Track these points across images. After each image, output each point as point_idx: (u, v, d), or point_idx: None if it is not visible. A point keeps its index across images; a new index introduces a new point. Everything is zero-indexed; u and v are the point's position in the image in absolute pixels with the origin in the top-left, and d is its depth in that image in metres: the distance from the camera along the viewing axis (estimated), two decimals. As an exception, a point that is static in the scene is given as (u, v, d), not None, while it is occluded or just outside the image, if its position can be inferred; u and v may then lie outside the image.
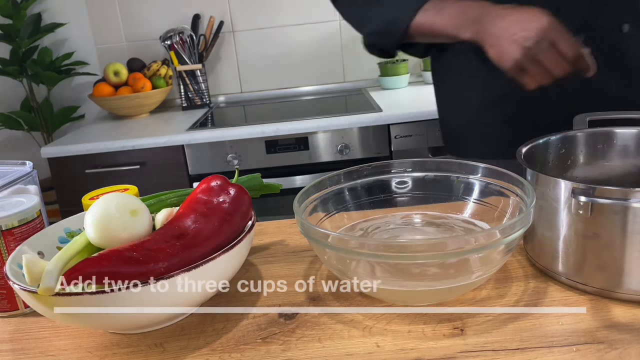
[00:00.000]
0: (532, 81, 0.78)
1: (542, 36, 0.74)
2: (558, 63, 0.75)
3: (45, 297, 0.47)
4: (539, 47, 0.74)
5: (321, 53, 2.28)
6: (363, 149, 1.82)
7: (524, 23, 0.76)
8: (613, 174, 0.66)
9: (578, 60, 0.75)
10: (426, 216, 0.68)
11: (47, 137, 2.26)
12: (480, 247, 0.50)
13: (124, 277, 0.48)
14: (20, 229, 0.59)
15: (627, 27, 0.86)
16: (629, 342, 0.47)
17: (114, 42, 2.30)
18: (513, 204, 0.60)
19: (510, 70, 0.79)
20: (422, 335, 0.50)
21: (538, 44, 0.74)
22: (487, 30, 0.80)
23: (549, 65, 0.75)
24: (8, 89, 2.25)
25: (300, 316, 0.55)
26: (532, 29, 0.75)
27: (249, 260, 0.69)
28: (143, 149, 1.81)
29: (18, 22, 2.12)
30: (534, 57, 0.75)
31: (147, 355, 0.51)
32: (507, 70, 0.79)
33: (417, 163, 0.69)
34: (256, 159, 1.83)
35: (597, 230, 0.52)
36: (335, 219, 0.66)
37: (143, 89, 2.12)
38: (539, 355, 0.46)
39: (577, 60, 0.75)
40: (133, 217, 0.54)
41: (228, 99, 2.35)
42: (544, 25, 0.74)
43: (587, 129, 0.67)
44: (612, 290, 0.53)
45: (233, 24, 2.28)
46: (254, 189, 0.67)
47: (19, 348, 0.55)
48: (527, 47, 0.75)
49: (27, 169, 0.67)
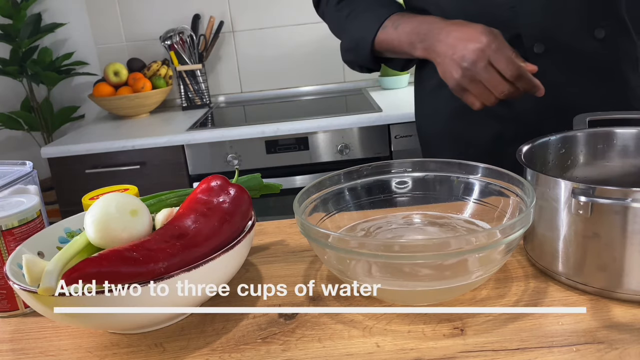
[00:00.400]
0: (475, 101, 0.77)
1: (480, 56, 0.73)
2: (497, 83, 0.73)
3: (45, 297, 0.47)
4: (477, 67, 0.73)
5: (321, 53, 2.28)
6: (363, 149, 1.82)
7: (464, 42, 0.75)
8: (613, 174, 0.66)
9: (519, 80, 0.73)
10: (426, 216, 0.68)
11: (47, 137, 2.26)
12: (480, 247, 0.50)
13: (124, 277, 0.48)
14: (20, 229, 0.59)
15: (602, 32, 0.83)
16: (629, 342, 0.47)
17: (114, 42, 2.30)
18: (513, 204, 0.60)
19: (452, 89, 0.78)
20: (422, 335, 0.50)
21: (475, 64, 0.73)
22: (433, 48, 0.79)
23: (488, 85, 0.74)
24: (8, 89, 2.25)
25: (300, 316, 0.55)
26: (470, 49, 0.74)
27: (249, 260, 0.69)
28: (143, 149, 1.81)
29: (18, 22, 2.12)
30: (473, 77, 0.74)
31: (147, 355, 0.51)
32: (450, 89, 0.78)
33: (417, 163, 0.69)
34: (256, 159, 1.83)
35: (597, 230, 0.52)
36: (335, 219, 0.66)
37: (143, 89, 2.12)
38: (539, 355, 0.46)
39: (518, 79, 0.73)
40: (133, 217, 0.54)
41: (228, 99, 2.35)
42: (482, 45, 0.73)
43: (587, 129, 0.67)
44: (612, 290, 0.53)
45: (233, 24, 2.28)
46: (254, 189, 0.67)
47: (19, 348, 0.55)
48: (465, 68, 0.74)
49: (27, 169, 0.67)
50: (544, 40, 0.83)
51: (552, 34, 0.83)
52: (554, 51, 0.83)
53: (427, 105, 1.02)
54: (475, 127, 0.92)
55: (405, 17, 0.86)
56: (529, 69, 0.73)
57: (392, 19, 0.87)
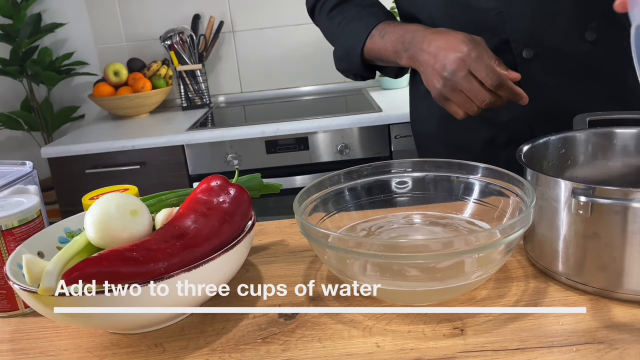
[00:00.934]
0: (457, 110, 0.76)
1: (460, 65, 0.72)
2: (477, 92, 0.72)
3: (45, 297, 0.47)
4: (457, 77, 0.73)
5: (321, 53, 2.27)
6: (363, 149, 1.82)
7: (445, 51, 0.74)
8: (613, 174, 0.66)
9: (500, 89, 0.72)
10: (426, 216, 0.68)
11: (47, 137, 2.26)
12: (480, 247, 0.50)
13: (124, 277, 0.48)
14: (20, 229, 0.59)
15: (592, 34, 0.82)
16: (629, 342, 0.47)
17: (114, 42, 2.30)
18: (513, 204, 0.60)
19: (435, 99, 0.78)
20: (422, 335, 0.50)
21: (455, 74, 0.73)
22: (416, 57, 0.79)
23: (469, 95, 0.73)
24: (8, 89, 2.25)
25: (300, 316, 0.55)
26: (450, 59, 0.73)
27: (249, 260, 0.69)
28: (143, 149, 1.81)
29: (18, 22, 2.12)
30: (454, 86, 0.74)
31: (147, 355, 0.51)
32: (434, 98, 0.78)
33: (417, 163, 0.69)
34: (256, 159, 1.83)
35: (597, 230, 0.52)
36: (335, 219, 0.66)
37: (143, 89, 2.12)
38: (539, 355, 0.46)
39: (499, 88, 0.72)
40: (133, 217, 0.54)
41: (228, 99, 2.35)
42: (462, 54, 0.72)
43: (587, 129, 0.67)
44: (612, 290, 0.53)
45: (233, 24, 2.28)
46: (254, 189, 0.67)
47: (19, 348, 0.55)
48: (445, 77, 0.74)
49: (27, 169, 0.67)
50: (533, 45, 0.82)
51: (541, 38, 0.82)
52: (544, 56, 0.82)
53: (421, 109, 1.02)
54: (468, 132, 0.91)
55: (391, 26, 0.85)
56: (511, 77, 0.73)
57: (379, 28, 0.86)
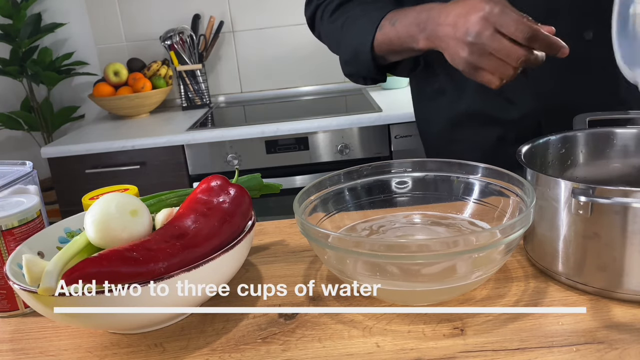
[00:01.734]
0: (492, 78, 0.68)
1: (484, 25, 0.65)
2: (510, 50, 0.64)
3: (45, 297, 0.47)
4: (483, 38, 0.65)
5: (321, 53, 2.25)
6: (363, 149, 1.82)
7: (464, 16, 0.67)
8: (613, 174, 0.66)
9: (534, 42, 0.64)
10: (426, 216, 0.68)
11: (47, 137, 2.26)
12: (480, 247, 0.50)
13: (124, 277, 0.48)
14: (20, 229, 0.59)
15: (590, 34, 0.81)
16: (629, 342, 0.47)
17: (114, 42, 2.30)
18: (513, 204, 0.60)
19: (464, 72, 0.70)
20: (422, 335, 0.50)
21: (480, 36, 0.65)
22: (435, 34, 0.73)
23: (500, 55, 0.65)
24: (8, 89, 2.25)
25: (300, 316, 0.55)
26: (472, 21, 0.66)
27: (249, 260, 0.69)
28: (143, 149, 1.81)
29: (18, 22, 2.12)
30: (482, 50, 0.66)
31: (147, 355, 0.51)
32: (463, 73, 0.71)
33: (417, 163, 0.69)
34: (256, 159, 1.83)
35: (597, 230, 0.52)
36: (335, 219, 0.66)
37: (143, 89, 2.12)
38: (539, 355, 0.46)
39: (533, 41, 0.64)
40: (133, 217, 0.54)
41: (228, 99, 2.35)
42: (483, 12, 0.65)
43: (587, 129, 0.67)
44: (612, 290, 0.53)
45: (233, 24, 2.28)
46: (254, 189, 0.67)
47: (19, 348, 0.55)
48: (470, 43, 0.66)
49: (27, 169, 0.67)
50: None
51: None
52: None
53: (427, 109, 1.00)
54: (477, 131, 0.91)
55: (402, 12, 0.80)
56: (545, 29, 0.65)
57: (388, 17, 0.81)
